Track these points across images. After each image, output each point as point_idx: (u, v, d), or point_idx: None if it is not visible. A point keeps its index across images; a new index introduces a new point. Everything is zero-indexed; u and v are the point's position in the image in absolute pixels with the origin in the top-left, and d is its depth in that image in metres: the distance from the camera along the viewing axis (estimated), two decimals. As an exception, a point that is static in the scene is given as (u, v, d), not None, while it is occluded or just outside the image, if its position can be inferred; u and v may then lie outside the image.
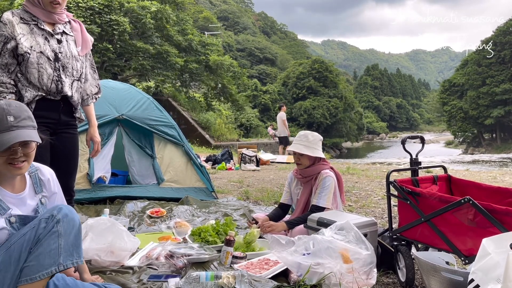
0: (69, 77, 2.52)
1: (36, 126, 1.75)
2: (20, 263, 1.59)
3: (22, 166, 1.68)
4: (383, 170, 8.66)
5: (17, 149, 1.65)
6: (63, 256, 1.61)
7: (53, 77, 2.45)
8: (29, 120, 1.71)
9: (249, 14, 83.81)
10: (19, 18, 2.42)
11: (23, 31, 2.40)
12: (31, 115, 1.74)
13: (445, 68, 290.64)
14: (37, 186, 1.83)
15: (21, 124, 1.66)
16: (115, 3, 16.73)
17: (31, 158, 1.72)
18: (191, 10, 39.79)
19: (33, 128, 1.72)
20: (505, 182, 6.55)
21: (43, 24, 2.45)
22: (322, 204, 2.88)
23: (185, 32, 21.03)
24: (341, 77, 49.48)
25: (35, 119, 1.76)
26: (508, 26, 41.35)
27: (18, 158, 1.65)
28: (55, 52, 2.46)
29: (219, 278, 2.01)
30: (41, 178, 1.86)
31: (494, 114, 39.71)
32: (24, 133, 1.65)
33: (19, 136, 1.63)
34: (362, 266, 2.07)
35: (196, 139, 19.80)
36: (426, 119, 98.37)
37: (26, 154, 1.68)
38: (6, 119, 1.63)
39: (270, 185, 6.37)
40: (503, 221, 1.76)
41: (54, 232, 1.61)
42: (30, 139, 1.67)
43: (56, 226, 1.62)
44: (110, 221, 2.54)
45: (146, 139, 4.64)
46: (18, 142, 1.64)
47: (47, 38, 2.45)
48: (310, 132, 3.08)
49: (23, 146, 1.67)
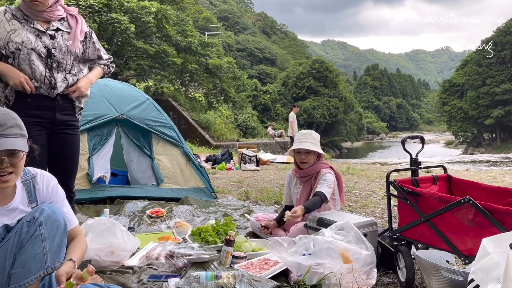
0: (62, 72, 2.48)
1: (26, 135, 1.65)
2: (7, 270, 1.54)
3: (8, 179, 1.58)
4: (383, 170, 8.66)
5: (3, 159, 1.55)
6: (50, 258, 1.57)
7: (45, 74, 2.42)
8: (16, 128, 1.61)
9: (249, 14, 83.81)
10: (11, 15, 2.40)
11: (14, 27, 2.36)
12: (20, 123, 1.64)
13: (445, 68, 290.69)
14: (30, 195, 1.74)
15: (7, 133, 1.56)
16: (115, 2, 16.73)
17: (19, 169, 1.62)
18: (191, 10, 39.81)
19: (21, 137, 1.62)
20: (505, 182, 6.55)
21: (34, 22, 2.42)
22: (324, 191, 2.80)
23: (185, 33, 21.02)
24: (341, 77, 49.44)
25: (29, 119, 1.71)
26: (508, 26, 41.34)
27: (4, 169, 1.56)
28: (48, 48, 2.42)
29: (219, 278, 2.01)
30: (35, 186, 1.76)
31: (494, 114, 39.71)
32: (9, 142, 1.55)
33: (3, 145, 1.54)
34: (362, 266, 2.07)
35: (196, 139, 19.79)
36: (426, 119, 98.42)
37: (13, 165, 1.58)
38: None
39: (270, 185, 6.37)
40: (503, 221, 1.76)
41: (37, 236, 1.56)
42: (15, 148, 1.56)
43: (38, 229, 1.56)
44: (110, 222, 2.54)
45: (144, 139, 4.64)
46: (4, 152, 1.55)
47: (39, 35, 2.41)
48: (311, 131, 3.11)
49: (10, 156, 1.57)
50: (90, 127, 4.27)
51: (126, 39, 17.00)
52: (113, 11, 16.54)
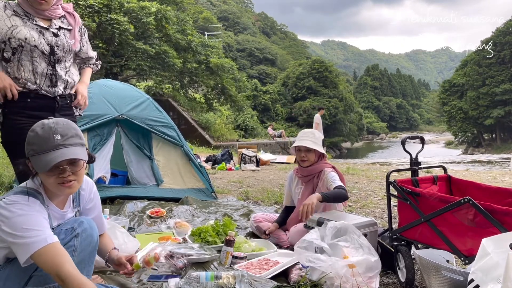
0: (63, 70, 2.48)
1: (85, 144, 1.72)
2: (31, 271, 1.57)
3: (71, 185, 1.65)
4: (383, 170, 8.66)
5: (65, 168, 1.61)
6: None
7: (47, 71, 2.40)
8: (76, 137, 1.67)
9: (249, 14, 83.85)
10: (12, 11, 2.38)
11: (15, 23, 2.34)
12: (80, 132, 1.71)
13: (445, 68, 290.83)
14: (76, 201, 1.83)
15: (68, 142, 1.62)
16: (115, 3, 16.73)
17: (80, 177, 1.69)
18: (191, 10, 39.82)
19: (81, 146, 1.68)
20: (505, 182, 6.55)
21: (36, 19, 2.41)
22: (342, 184, 2.79)
23: (185, 33, 21.03)
24: (341, 78, 49.49)
25: (28, 119, 1.72)
26: (507, 27, 41.36)
27: (67, 177, 1.62)
28: (51, 45, 2.41)
29: (219, 278, 2.01)
30: (80, 192, 1.84)
31: (494, 115, 39.72)
32: (71, 151, 1.62)
33: (65, 155, 1.60)
34: (366, 272, 2.06)
35: (196, 139, 19.80)
36: (426, 119, 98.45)
37: (74, 173, 1.65)
38: (53, 137, 1.60)
39: (270, 185, 6.37)
40: (503, 221, 1.76)
41: (70, 246, 1.61)
42: (76, 157, 1.63)
43: (73, 240, 1.62)
44: (110, 224, 2.54)
45: (144, 140, 4.64)
46: (66, 161, 1.61)
47: (41, 32, 2.40)
48: (313, 130, 3.12)
49: (71, 165, 1.64)
50: (90, 127, 4.27)
51: (125, 40, 17.00)
52: (113, 11, 16.54)
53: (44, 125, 1.63)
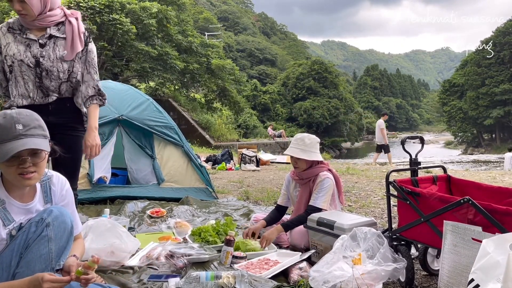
0: (55, 80, 2.38)
1: (48, 136, 1.69)
2: (12, 268, 1.56)
3: (31, 176, 1.61)
4: (382, 170, 8.67)
5: (26, 158, 1.59)
6: (55, 260, 1.59)
7: (35, 83, 2.36)
8: (39, 129, 1.65)
9: (249, 14, 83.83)
10: (7, 28, 2.37)
11: (8, 40, 2.34)
12: (43, 124, 1.68)
13: (444, 69, 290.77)
14: (46, 196, 1.78)
15: (30, 133, 1.60)
16: (116, 3, 16.75)
17: (41, 169, 1.65)
18: (191, 11, 39.79)
19: (44, 137, 1.65)
20: (505, 182, 6.56)
21: (27, 32, 2.36)
22: (318, 205, 2.84)
23: (186, 33, 21.04)
24: (341, 78, 49.43)
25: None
26: (507, 27, 41.37)
27: (27, 168, 1.59)
28: (36, 58, 2.34)
29: (219, 278, 2.01)
30: (51, 187, 1.80)
31: (493, 115, 39.72)
32: (32, 142, 1.59)
33: (27, 144, 1.57)
34: (372, 281, 2.01)
35: (196, 140, 19.81)
36: (425, 120, 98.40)
37: (35, 164, 1.62)
38: (14, 127, 1.57)
39: (270, 185, 6.38)
40: (503, 221, 1.77)
41: (44, 236, 1.58)
42: (37, 147, 1.60)
43: (45, 230, 1.59)
44: (111, 223, 2.55)
45: (146, 139, 4.65)
46: (27, 151, 1.58)
47: (29, 44, 2.35)
48: (307, 135, 3.02)
49: (32, 156, 1.61)
50: (91, 127, 4.26)
51: (127, 40, 17.01)
52: (114, 12, 16.56)
53: (6, 115, 1.60)
